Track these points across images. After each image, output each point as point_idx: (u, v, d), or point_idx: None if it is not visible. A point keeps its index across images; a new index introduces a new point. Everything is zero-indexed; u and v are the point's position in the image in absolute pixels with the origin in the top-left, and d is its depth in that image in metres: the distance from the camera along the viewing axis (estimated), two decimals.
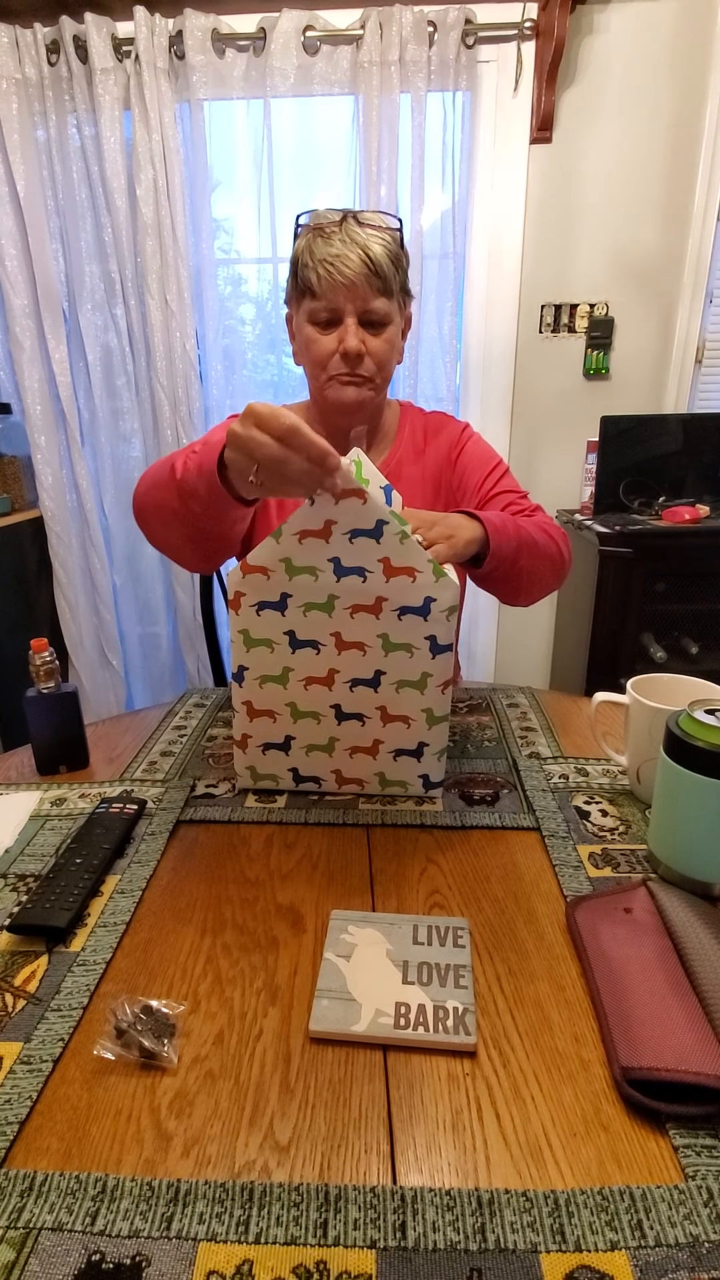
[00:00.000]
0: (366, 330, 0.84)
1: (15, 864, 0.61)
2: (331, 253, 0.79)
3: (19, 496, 2.01)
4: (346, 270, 0.79)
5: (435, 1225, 0.34)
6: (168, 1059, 0.43)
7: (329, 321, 0.84)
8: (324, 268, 0.80)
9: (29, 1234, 0.34)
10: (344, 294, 0.81)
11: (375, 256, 0.80)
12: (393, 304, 0.85)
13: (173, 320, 1.90)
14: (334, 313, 0.83)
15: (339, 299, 0.82)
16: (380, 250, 0.81)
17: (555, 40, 1.73)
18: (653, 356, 2.03)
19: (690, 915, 0.50)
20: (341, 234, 0.80)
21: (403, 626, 0.63)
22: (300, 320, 0.86)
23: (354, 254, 0.79)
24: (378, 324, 0.85)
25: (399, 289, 0.85)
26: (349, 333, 0.82)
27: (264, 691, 0.67)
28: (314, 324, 0.85)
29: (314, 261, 0.81)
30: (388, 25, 1.72)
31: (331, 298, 0.82)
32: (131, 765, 0.78)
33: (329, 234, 0.80)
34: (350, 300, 0.82)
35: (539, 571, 0.85)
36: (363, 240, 0.80)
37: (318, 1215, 0.35)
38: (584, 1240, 0.33)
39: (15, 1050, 0.44)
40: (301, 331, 0.86)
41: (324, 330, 0.84)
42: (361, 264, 0.80)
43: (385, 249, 0.81)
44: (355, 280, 0.80)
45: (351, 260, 0.79)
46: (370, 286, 0.81)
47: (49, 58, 1.78)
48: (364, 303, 0.82)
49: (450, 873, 0.60)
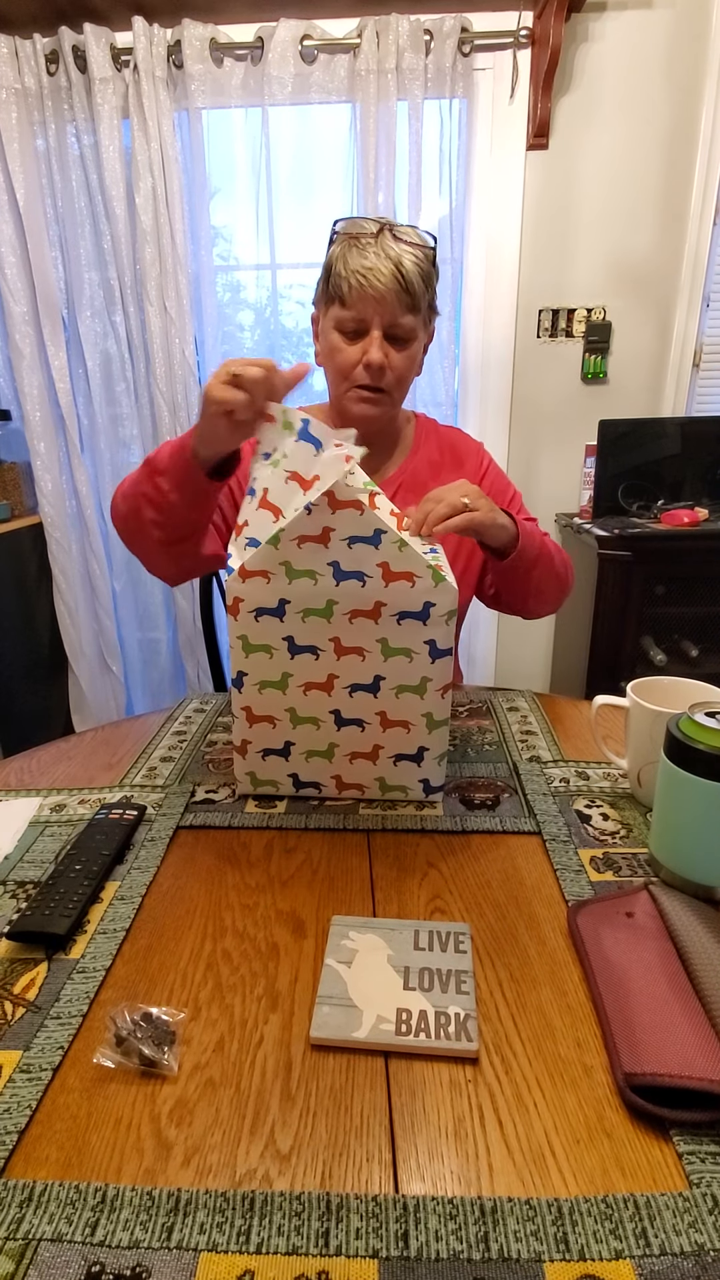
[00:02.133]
0: (391, 344, 0.85)
1: (14, 871, 0.61)
2: (365, 265, 0.80)
3: (19, 503, 2.02)
4: (378, 284, 0.80)
5: (438, 1234, 0.34)
6: (168, 1067, 0.43)
7: (355, 332, 0.85)
8: (356, 278, 0.81)
9: (28, 1245, 0.34)
10: (373, 307, 0.82)
11: (407, 273, 0.81)
12: (419, 320, 0.86)
13: (172, 327, 1.91)
14: (361, 324, 0.84)
15: (368, 311, 0.83)
16: (412, 266, 0.81)
17: (551, 48, 1.74)
18: (650, 360, 2.04)
19: (692, 919, 0.50)
20: (377, 246, 0.81)
21: (402, 631, 0.63)
22: (327, 325, 0.87)
23: (386, 268, 0.80)
24: (402, 339, 0.86)
25: (426, 306, 0.86)
26: (374, 345, 0.84)
27: (263, 697, 0.67)
28: (340, 332, 0.86)
29: (347, 271, 0.82)
30: (384, 34, 1.73)
31: (360, 309, 0.83)
32: (131, 771, 0.78)
33: (364, 245, 0.81)
34: (378, 313, 0.83)
35: (547, 586, 0.91)
36: (395, 255, 0.81)
37: (319, 1224, 0.34)
38: (588, 1249, 0.33)
39: (14, 1059, 0.43)
40: (327, 337, 0.87)
41: (350, 340, 0.86)
42: (393, 279, 0.80)
43: (417, 266, 0.82)
44: (385, 295, 0.81)
45: (383, 275, 0.80)
46: (399, 302, 0.82)
47: (48, 68, 1.79)
48: (391, 317, 0.83)
49: (451, 878, 0.59)
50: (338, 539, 0.59)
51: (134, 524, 0.81)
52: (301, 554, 0.60)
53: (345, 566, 0.60)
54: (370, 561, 0.60)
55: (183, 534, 0.80)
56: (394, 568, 0.60)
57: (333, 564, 0.60)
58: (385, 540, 0.59)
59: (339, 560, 0.60)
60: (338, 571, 0.61)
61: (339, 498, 0.57)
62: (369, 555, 0.60)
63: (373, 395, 0.88)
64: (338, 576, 0.61)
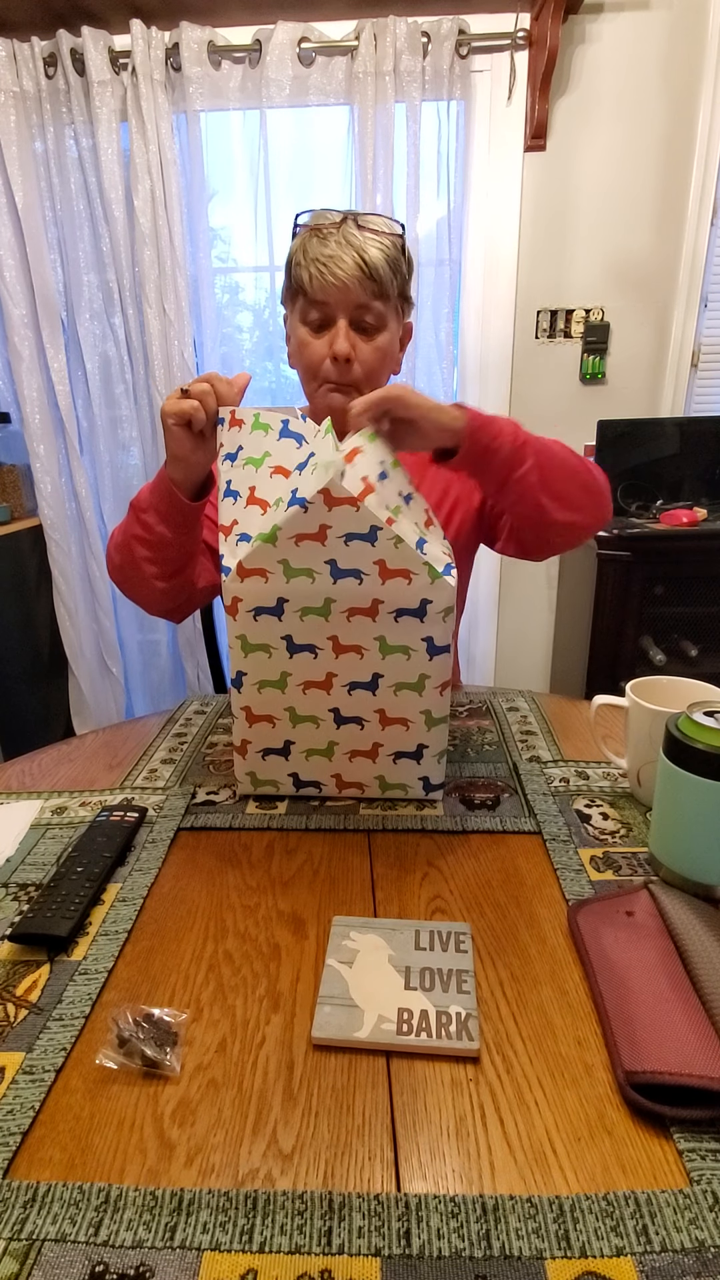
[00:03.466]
0: (359, 334, 0.83)
1: (16, 873, 0.61)
2: (325, 253, 0.79)
3: (18, 505, 2.02)
4: (339, 272, 0.78)
5: (440, 1232, 0.34)
6: (170, 1068, 0.43)
7: (321, 324, 0.83)
8: (316, 267, 0.79)
9: (32, 1245, 0.34)
10: (335, 295, 0.80)
11: (371, 260, 0.79)
12: (388, 309, 0.83)
13: (170, 329, 1.91)
14: (326, 314, 0.82)
15: (331, 299, 0.81)
16: (377, 254, 0.79)
17: (548, 50, 1.74)
18: (649, 361, 2.04)
19: (692, 917, 0.50)
20: (339, 235, 0.79)
21: (399, 628, 0.63)
22: (294, 321, 0.86)
23: (349, 256, 0.78)
24: (371, 328, 0.83)
25: (396, 295, 0.84)
26: (339, 335, 0.81)
27: (262, 696, 0.67)
28: (305, 324, 0.84)
29: (306, 260, 0.80)
30: (382, 36, 1.73)
31: (322, 298, 0.81)
32: (132, 773, 0.78)
33: (325, 234, 0.80)
34: (342, 301, 0.81)
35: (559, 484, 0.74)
36: (359, 243, 0.79)
37: (322, 1223, 0.35)
38: (589, 1246, 0.33)
39: (17, 1060, 0.43)
40: (295, 333, 0.86)
41: (316, 333, 0.83)
42: (355, 266, 0.79)
43: (383, 253, 0.80)
44: (348, 282, 0.79)
45: (345, 262, 0.78)
46: (364, 290, 0.80)
47: (46, 71, 1.80)
48: (356, 305, 0.81)
49: (452, 877, 0.60)
50: (334, 536, 0.59)
51: (130, 569, 0.81)
52: (299, 552, 0.60)
53: (342, 564, 0.61)
54: (367, 559, 0.60)
55: (176, 566, 0.81)
56: (391, 565, 0.60)
57: (330, 562, 0.60)
58: (381, 537, 0.59)
59: (336, 558, 0.60)
60: (335, 570, 0.61)
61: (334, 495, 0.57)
62: (366, 552, 0.60)
63: (340, 387, 0.84)
64: (335, 575, 0.61)
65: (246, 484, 0.65)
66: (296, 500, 0.58)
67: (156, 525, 0.76)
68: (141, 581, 0.81)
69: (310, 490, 0.57)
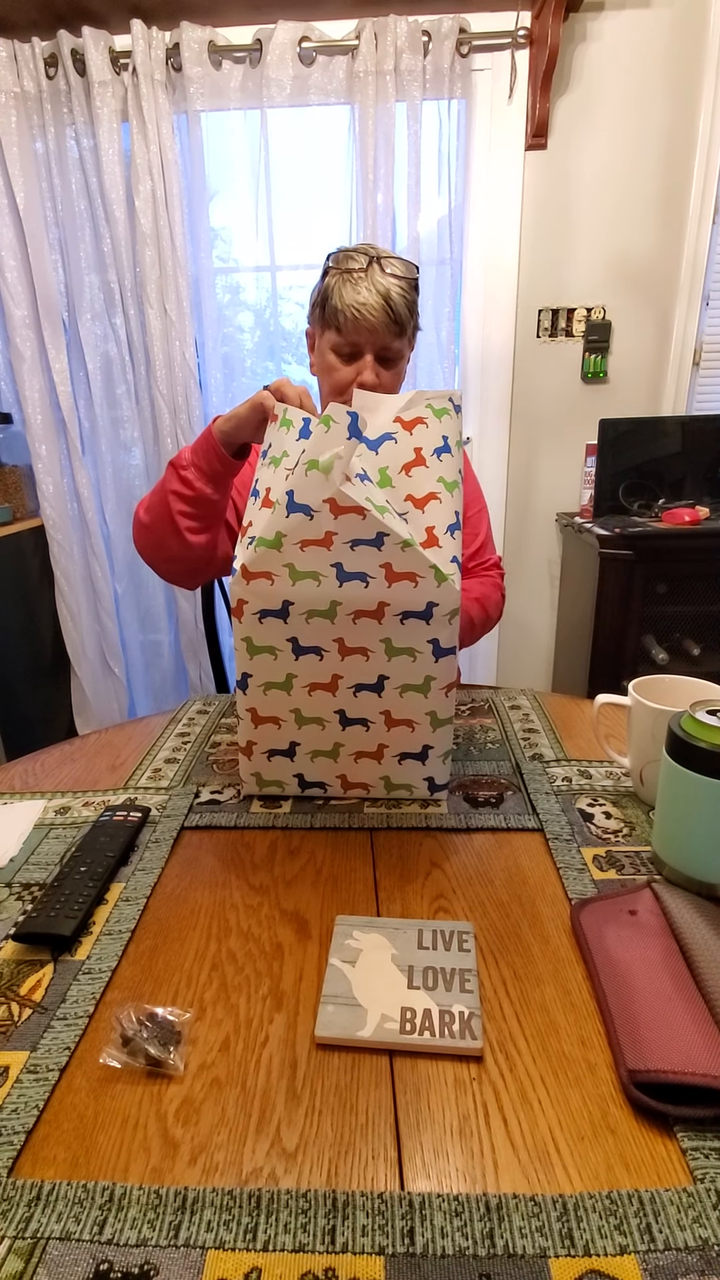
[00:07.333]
0: (381, 365, 0.97)
1: (20, 873, 0.61)
2: (359, 300, 0.92)
3: (20, 505, 2.02)
4: (370, 318, 0.93)
5: (444, 1231, 0.34)
6: (174, 1067, 0.43)
7: (350, 356, 0.97)
8: (351, 312, 0.93)
9: (36, 1244, 0.34)
10: (366, 336, 0.94)
11: (395, 304, 0.93)
12: (404, 341, 0.98)
13: (172, 329, 1.91)
14: (355, 349, 0.96)
15: (361, 339, 0.95)
16: (399, 297, 0.93)
17: (549, 48, 1.74)
18: (650, 359, 2.04)
19: (695, 916, 0.50)
20: (368, 280, 0.92)
21: (405, 631, 0.63)
22: (323, 346, 0.99)
23: (377, 303, 0.92)
24: (392, 360, 0.98)
25: (411, 329, 0.99)
26: (368, 369, 0.96)
27: (268, 698, 0.67)
28: (337, 354, 0.98)
29: (343, 305, 0.93)
30: (382, 35, 1.73)
31: (354, 337, 0.95)
32: (135, 773, 0.78)
33: (356, 280, 0.93)
34: (370, 341, 0.95)
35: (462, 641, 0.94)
36: (384, 289, 0.92)
37: (326, 1222, 0.35)
38: (593, 1244, 0.33)
39: (21, 1059, 0.44)
40: (324, 357, 0.99)
41: (345, 361, 0.98)
42: (383, 312, 0.93)
43: (403, 296, 0.94)
44: (377, 326, 0.93)
45: (374, 309, 0.92)
46: (389, 331, 0.94)
47: (47, 71, 1.80)
48: (382, 343, 0.95)
49: (455, 876, 0.60)
50: (340, 542, 0.59)
51: (162, 526, 0.88)
52: (304, 556, 0.60)
53: (348, 568, 0.61)
54: (373, 563, 0.60)
55: (209, 522, 0.89)
56: (397, 568, 0.60)
57: (336, 565, 0.61)
58: (388, 542, 0.59)
59: (342, 562, 0.60)
60: (341, 573, 0.61)
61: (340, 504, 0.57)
62: (372, 557, 0.60)
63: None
64: (341, 578, 0.61)
65: (265, 484, 0.65)
66: (297, 507, 0.58)
67: (196, 480, 0.85)
68: (174, 535, 0.88)
69: (307, 491, 0.57)
